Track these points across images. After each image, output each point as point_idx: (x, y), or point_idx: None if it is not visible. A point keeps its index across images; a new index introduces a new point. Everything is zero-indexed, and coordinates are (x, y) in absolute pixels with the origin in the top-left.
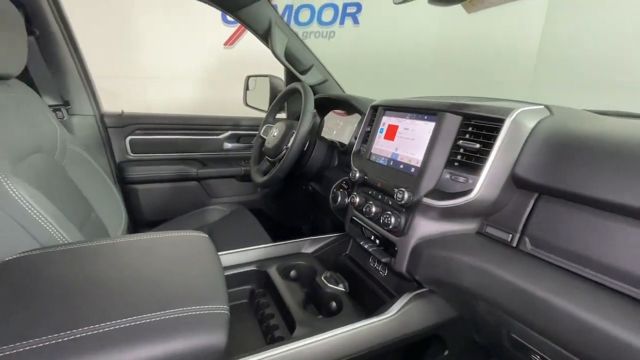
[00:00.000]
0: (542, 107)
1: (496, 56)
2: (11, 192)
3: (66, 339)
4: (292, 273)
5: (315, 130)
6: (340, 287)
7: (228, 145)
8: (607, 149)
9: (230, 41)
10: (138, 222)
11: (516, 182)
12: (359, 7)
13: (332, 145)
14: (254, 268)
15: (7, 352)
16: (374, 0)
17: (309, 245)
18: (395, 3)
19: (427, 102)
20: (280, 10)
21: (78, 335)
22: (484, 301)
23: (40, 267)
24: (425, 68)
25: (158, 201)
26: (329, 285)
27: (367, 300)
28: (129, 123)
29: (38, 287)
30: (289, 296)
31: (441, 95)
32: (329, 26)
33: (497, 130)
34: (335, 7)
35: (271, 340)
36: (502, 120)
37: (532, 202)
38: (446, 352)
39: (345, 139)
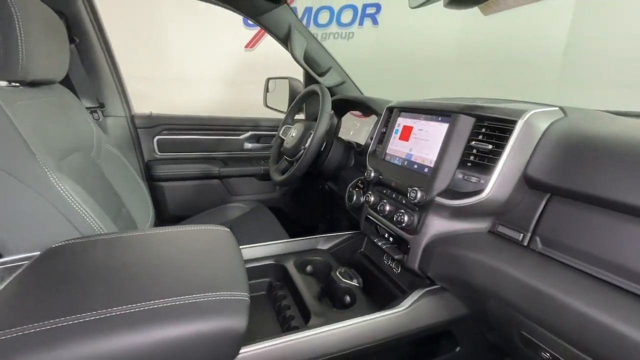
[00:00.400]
0: (557, 108)
1: (521, 56)
2: (57, 186)
3: (105, 316)
4: (309, 268)
5: (333, 131)
6: (354, 282)
7: (248, 145)
8: (620, 150)
9: (251, 44)
10: (164, 218)
11: (528, 182)
12: (378, 7)
13: (348, 146)
14: (272, 262)
15: (56, 325)
16: (394, 1)
17: (324, 242)
18: (411, 7)
19: (441, 104)
20: (299, 12)
21: (116, 314)
22: (495, 298)
23: (82, 254)
24: (447, 68)
25: (182, 198)
26: (343, 280)
27: (380, 295)
28: (156, 124)
29: (80, 272)
30: (305, 289)
31: (458, 97)
32: (348, 27)
33: (510, 131)
34: (354, 8)
35: (287, 329)
36: (514, 122)
37: (543, 202)
38: (458, 349)
39: (361, 139)
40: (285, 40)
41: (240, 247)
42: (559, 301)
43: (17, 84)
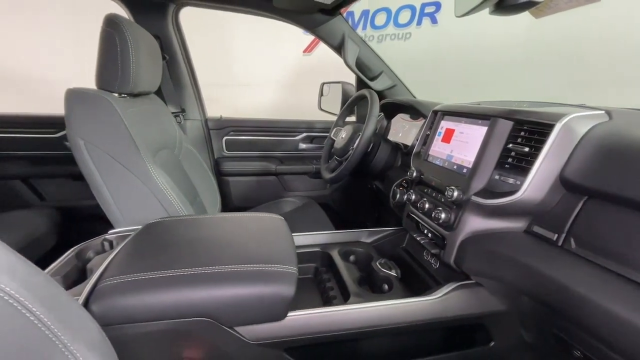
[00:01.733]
0: (602, 112)
1: (601, 53)
2: (154, 176)
3: (190, 273)
4: (351, 257)
5: (382, 133)
6: (393, 273)
7: (303, 145)
8: None
9: (309, 49)
10: (228, 208)
11: (565, 184)
12: (438, 6)
13: (396, 147)
14: (319, 250)
15: (157, 276)
16: None
17: (367, 236)
18: (457, 16)
19: (481, 108)
20: (356, 15)
21: (198, 272)
22: (528, 295)
23: (172, 229)
24: (514, 68)
25: (244, 191)
26: (382, 269)
27: (417, 286)
28: (225, 126)
29: (171, 241)
30: (347, 274)
31: (505, 100)
32: (405, 28)
33: (547, 135)
34: (412, 8)
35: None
36: (551, 126)
37: (580, 204)
38: (492, 343)
39: (409, 141)
40: (339, 48)
41: (292, 234)
42: (589, 300)
43: (125, 95)
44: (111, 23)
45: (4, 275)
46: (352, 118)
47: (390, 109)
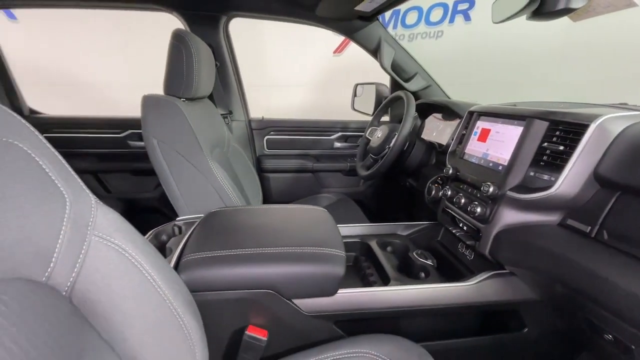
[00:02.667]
0: (638, 113)
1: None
2: (213, 170)
3: (259, 251)
4: (389, 248)
5: (416, 132)
6: (429, 262)
7: (337, 144)
8: None
9: (339, 49)
10: (268, 202)
11: (599, 180)
12: (471, 2)
13: (430, 146)
14: (358, 240)
15: (225, 254)
16: None
17: (404, 229)
18: (494, 22)
19: (517, 109)
20: (387, 15)
21: (260, 252)
22: (561, 283)
23: (232, 216)
24: (551, 66)
25: (283, 187)
26: (419, 259)
27: (452, 275)
28: (266, 126)
29: (232, 227)
30: (385, 262)
31: (542, 101)
32: (437, 26)
33: (582, 134)
34: (445, 6)
35: None
36: (586, 126)
37: (613, 199)
38: (526, 330)
39: (443, 140)
40: (375, 51)
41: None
42: (623, 288)
43: (185, 100)
44: (178, 37)
45: (129, 244)
46: (385, 118)
47: (424, 109)
